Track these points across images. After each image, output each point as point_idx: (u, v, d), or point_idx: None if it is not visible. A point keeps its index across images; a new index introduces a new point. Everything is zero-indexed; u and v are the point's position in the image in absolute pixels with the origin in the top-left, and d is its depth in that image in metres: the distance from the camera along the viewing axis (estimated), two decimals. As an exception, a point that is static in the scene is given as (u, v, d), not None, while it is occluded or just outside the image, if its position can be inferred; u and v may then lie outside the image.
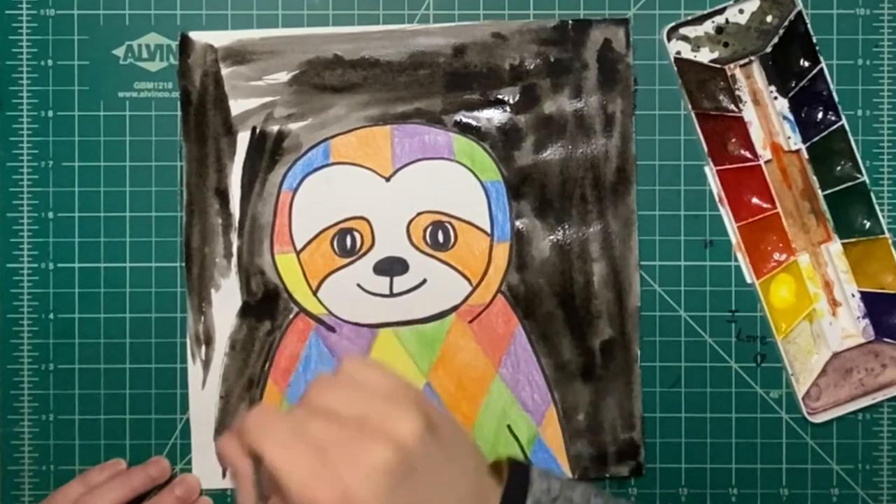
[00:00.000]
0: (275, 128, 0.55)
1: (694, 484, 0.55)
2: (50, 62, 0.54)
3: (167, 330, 0.55)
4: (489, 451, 0.55)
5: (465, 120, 0.55)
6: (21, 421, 0.55)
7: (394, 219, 0.55)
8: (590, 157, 0.55)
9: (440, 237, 0.55)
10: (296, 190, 0.55)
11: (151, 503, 0.52)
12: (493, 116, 0.55)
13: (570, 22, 0.55)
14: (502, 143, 0.55)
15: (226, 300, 0.54)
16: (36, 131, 0.55)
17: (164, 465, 0.54)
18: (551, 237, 0.55)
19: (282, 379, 0.55)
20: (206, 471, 0.54)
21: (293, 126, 0.55)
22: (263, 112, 0.55)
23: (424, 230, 0.55)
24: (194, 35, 0.55)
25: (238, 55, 0.54)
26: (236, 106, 0.55)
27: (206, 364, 0.54)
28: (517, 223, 0.55)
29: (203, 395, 0.54)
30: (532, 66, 0.55)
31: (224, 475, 0.54)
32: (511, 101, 0.55)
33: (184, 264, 0.55)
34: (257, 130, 0.55)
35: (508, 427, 0.55)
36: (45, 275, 0.55)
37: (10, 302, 0.55)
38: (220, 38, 0.54)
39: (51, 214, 0.55)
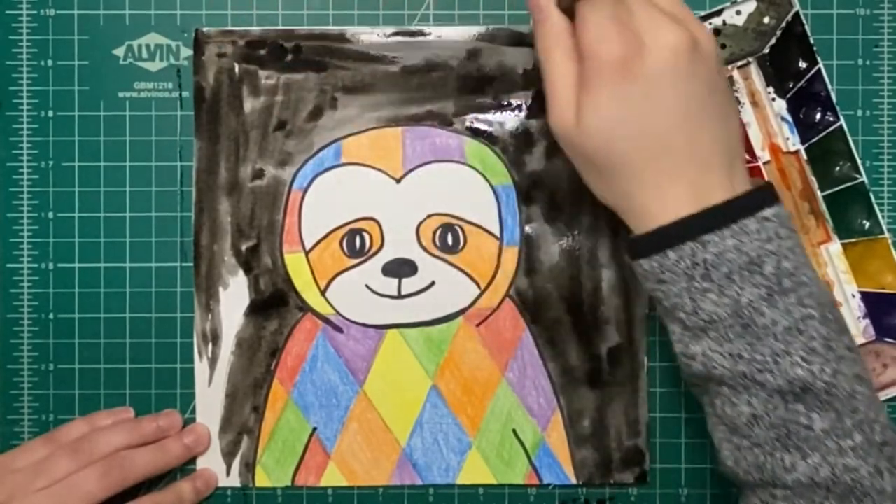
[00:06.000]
0: (287, 127, 0.58)
1: (694, 484, 0.58)
2: (50, 62, 0.57)
3: (167, 330, 0.57)
4: (494, 455, 0.58)
5: (476, 123, 0.58)
6: (21, 421, 0.57)
7: (403, 220, 0.58)
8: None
9: (449, 240, 0.58)
10: (306, 189, 0.57)
11: (159, 444, 0.55)
12: (505, 120, 0.58)
13: None
14: (514, 147, 0.58)
15: (234, 298, 0.57)
16: (36, 131, 0.57)
17: (175, 418, 0.57)
18: (561, 242, 0.58)
19: (288, 379, 0.57)
20: (212, 468, 0.57)
21: (305, 125, 0.58)
22: (276, 110, 0.58)
23: (434, 232, 0.58)
24: (209, 31, 0.57)
25: (253, 53, 0.57)
26: (249, 104, 0.58)
27: (213, 362, 0.57)
28: (527, 228, 0.58)
29: (209, 393, 0.57)
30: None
31: (228, 473, 0.57)
32: (523, 106, 0.58)
33: (184, 264, 0.57)
34: (269, 129, 0.58)
35: (514, 431, 0.58)
36: (45, 275, 0.57)
37: (10, 302, 0.57)
38: (235, 36, 0.57)
39: (51, 214, 0.57)
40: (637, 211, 0.45)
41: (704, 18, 0.58)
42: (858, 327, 0.58)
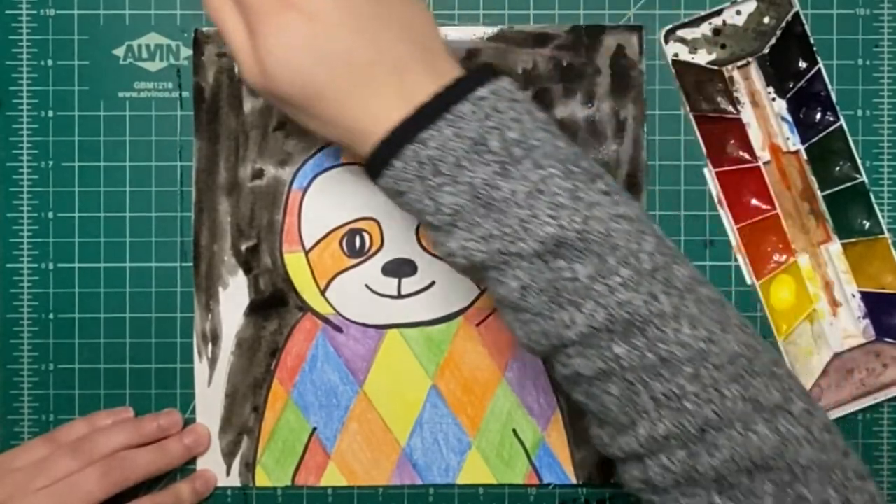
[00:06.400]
0: (287, 127, 0.58)
1: (695, 484, 0.60)
2: (50, 62, 0.58)
3: (167, 330, 0.58)
4: (494, 455, 0.58)
5: (476, 122, 0.59)
6: (21, 421, 0.58)
7: (403, 220, 0.58)
8: (601, 163, 0.55)
9: None
10: (306, 189, 0.58)
11: (159, 445, 0.55)
12: (504, 119, 0.59)
13: (584, 27, 0.58)
14: (514, 146, 0.59)
15: (233, 298, 0.58)
16: (36, 131, 0.58)
17: (176, 417, 0.57)
18: (561, 240, 0.59)
19: (288, 379, 0.58)
20: (212, 468, 0.58)
21: None
22: (275, 110, 0.57)
23: None
24: (209, 31, 0.58)
25: None
26: (249, 104, 0.58)
27: (213, 362, 0.58)
28: (527, 227, 0.59)
29: (209, 393, 0.58)
30: (545, 71, 0.58)
31: (228, 473, 0.58)
32: (523, 105, 0.59)
33: (184, 264, 0.58)
34: (269, 128, 0.58)
35: (514, 431, 0.58)
36: (45, 275, 0.58)
37: (10, 302, 0.58)
38: None
39: (51, 214, 0.58)
40: (357, 135, 0.44)
41: (704, 18, 0.59)
42: (859, 327, 0.59)
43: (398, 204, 0.46)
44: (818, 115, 0.59)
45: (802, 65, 0.59)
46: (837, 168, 0.59)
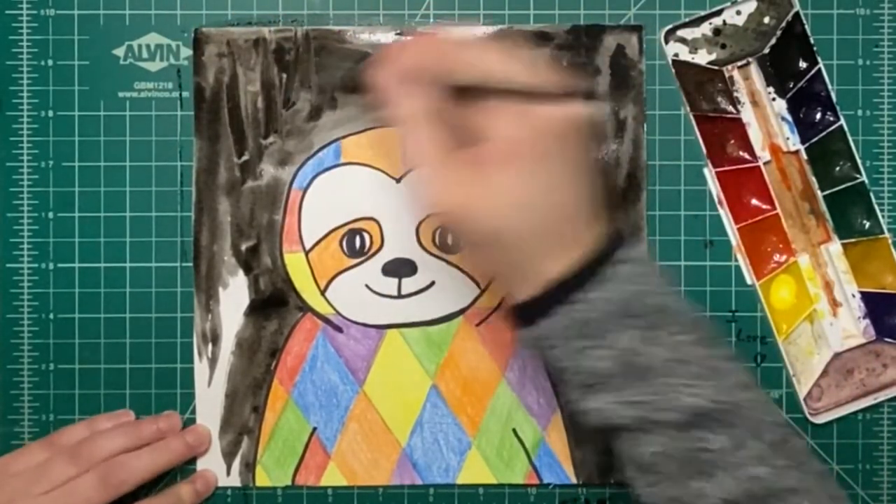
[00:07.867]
0: (287, 126, 0.58)
1: (695, 484, 0.60)
2: (50, 62, 0.58)
3: (167, 330, 0.58)
4: (494, 455, 0.58)
5: (476, 122, 0.58)
6: (21, 421, 0.58)
7: (403, 220, 0.58)
8: (601, 163, 0.58)
9: (449, 239, 0.58)
10: (306, 189, 0.58)
11: (159, 445, 0.55)
12: (504, 119, 0.59)
13: (584, 27, 0.58)
14: (513, 146, 0.58)
15: (233, 298, 0.58)
16: (36, 131, 0.58)
17: (175, 420, 0.57)
18: (560, 240, 0.59)
19: (288, 379, 0.58)
20: (211, 468, 0.58)
21: (305, 125, 0.58)
22: (276, 110, 0.58)
23: (434, 232, 0.58)
24: (209, 31, 0.58)
25: (253, 53, 0.58)
26: (249, 104, 0.58)
27: (213, 362, 0.58)
28: (526, 227, 0.59)
29: (209, 393, 0.58)
30: (545, 71, 0.59)
31: (228, 473, 0.58)
32: (523, 105, 0.59)
33: (184, 264, 0.58)
34: (269, 128, 0.58)
35: (514, 431, 0.58)
36: (45, 275, 0.58)
37: (10, 302, 0.58)
38: (235, 36, 0.58)
39: (51, 214, 0.58)
40: (518, 278, 0.46)
41: (704, 18, 0.59)
42: (859, 327, 0.59)
43: (540, 355, 0.47)
44: (818, 115, 0.59)
45: (802, 65, 0.59)
46: (837, 168, 0.59)
